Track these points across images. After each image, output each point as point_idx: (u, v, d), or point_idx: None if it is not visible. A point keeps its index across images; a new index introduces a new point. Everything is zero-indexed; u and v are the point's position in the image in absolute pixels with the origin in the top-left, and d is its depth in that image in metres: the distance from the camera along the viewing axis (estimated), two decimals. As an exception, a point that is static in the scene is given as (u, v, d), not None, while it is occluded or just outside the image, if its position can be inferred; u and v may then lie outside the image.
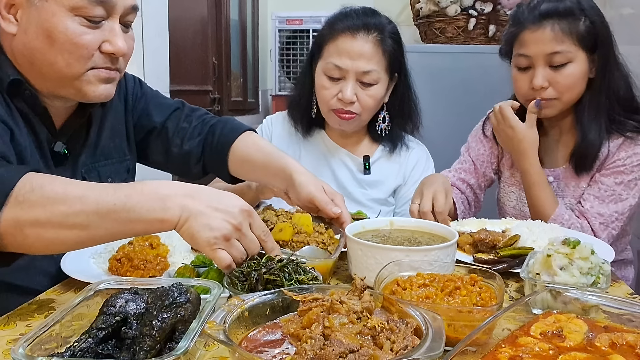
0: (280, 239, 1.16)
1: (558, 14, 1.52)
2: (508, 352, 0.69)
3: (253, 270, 0.98)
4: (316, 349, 0.65)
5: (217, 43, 3.92)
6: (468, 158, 1.87)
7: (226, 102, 4.07)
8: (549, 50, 1.53)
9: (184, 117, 1.51)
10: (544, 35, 1.53)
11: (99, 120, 1.36)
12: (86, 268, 1.13)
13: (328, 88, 1.68)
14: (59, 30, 1.09)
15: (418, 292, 0.89)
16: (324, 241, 1.21)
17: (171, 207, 0.93)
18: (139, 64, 2.74)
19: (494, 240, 1.29)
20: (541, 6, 1.56)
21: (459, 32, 3.23)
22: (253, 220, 1.00)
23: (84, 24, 1.11)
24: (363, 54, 1.63)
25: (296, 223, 1.22)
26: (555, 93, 1.56)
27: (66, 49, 1.11)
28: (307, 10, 4.12)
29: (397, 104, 1.76)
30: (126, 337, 0.73)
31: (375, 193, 1.80)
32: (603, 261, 1.05)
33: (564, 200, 1.65)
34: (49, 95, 1.20)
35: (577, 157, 1.61)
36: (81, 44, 1.11)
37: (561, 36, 1.52)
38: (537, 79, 1.55)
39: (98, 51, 1.14)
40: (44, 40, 1.10)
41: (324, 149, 1.83)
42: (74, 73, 1.14)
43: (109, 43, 1.14)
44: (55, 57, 1.11)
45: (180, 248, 1.22)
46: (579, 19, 1.53)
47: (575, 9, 1.53)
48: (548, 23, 1.53)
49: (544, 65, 1.55)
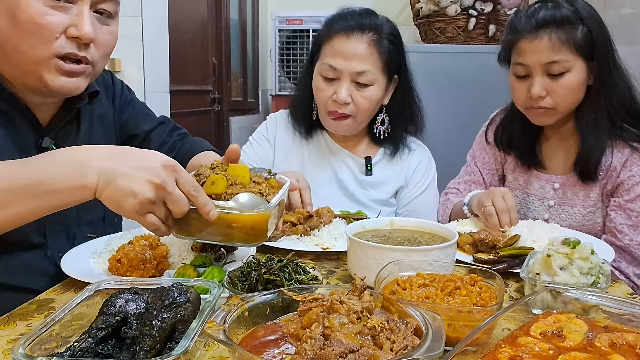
0: (212, 193, 1.03)
1: (555, 23, 1.50)
2: (508, 352, 0.69)
3: (253, 270, 0.98)
4: (316, 349, 0.65)
5: (217, 43, 3.92)
6: (475, 169, 1.86)
7: (226, 102, 4.08)
8: (546, 59, 1.50)
9: (168, 132, 1.55)
10: (541, 45, 1.51)
11: (88, 118, 1.35)
12: (86, 268, 1.13)
13: (324, 89, 1.68)
14: (21, 9, 1.05)
15: (418, 292, 0.89)
16: (262, 191, 1.09)
17: (88, 173, 0.89)
18: (139, 64, 2.75)
19: (494, 240, 1.30)
20: (538, 14, 1.53)
21: (459, 32, 3.23)
22: (179, 175, 0.93)
23: (47, 4, 1.07)
24: (357, 55, 1.63)
25: (231, 174, 1.09)
26: (552, 102, 1.54)
27: (29, 30, 1.06)
28: (307, 10, 4.12)
29: (397, 106, 1.76)
30: (126, 337, 0.73)
31: (376, 194, 1.80)
32: (603, 261, 1.05)
33: (573, 210, 1.63)
34: (24, 90, 1.17)
35: (581, 165, 1.59)
36: (43, 24, 1.07)
37: (558, 45, 1.49)
38: (535, 88, 1.53)
39: (63, 35, 1.10)
40: (8, 21, 1.07)
41: (327, 149, 1.83)
42: (38, 57, 1.09)
43: (75, 27, 1.09)
44: (18, 40, 1.08)
45: (181, 248, 1.22)
46: (576, 27, 1.50)
47: (573, 17, 1.50)
48: (545, 32, 1.50)
49: (541, 74, 1.53)
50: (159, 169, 0.91)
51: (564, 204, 1.65)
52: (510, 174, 1.80)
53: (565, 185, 1.65)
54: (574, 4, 1.53)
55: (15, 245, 1.17)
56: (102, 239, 1.26)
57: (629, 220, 1.54)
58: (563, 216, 1.64)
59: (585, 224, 1.61)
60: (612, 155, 1.57)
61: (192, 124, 3.60)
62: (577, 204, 1.63)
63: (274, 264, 0.99)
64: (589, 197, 1.62)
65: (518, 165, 1.76)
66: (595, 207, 1.61)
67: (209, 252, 1.22)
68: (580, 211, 1.63)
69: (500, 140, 1.78)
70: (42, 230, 1.22)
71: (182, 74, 3.31)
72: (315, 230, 1.42)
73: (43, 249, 1.23)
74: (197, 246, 1.23)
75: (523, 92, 1.58)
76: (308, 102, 1.77)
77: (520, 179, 1.76)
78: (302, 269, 1.01)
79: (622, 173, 1.55)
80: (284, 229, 1.40)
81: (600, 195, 1.60)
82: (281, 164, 1.83)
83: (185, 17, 3.40)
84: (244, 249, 1.25)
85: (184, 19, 3.37)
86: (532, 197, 1.71)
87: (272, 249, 1.32)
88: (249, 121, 4.43)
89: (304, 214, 1.44)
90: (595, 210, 1.61)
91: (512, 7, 3.21)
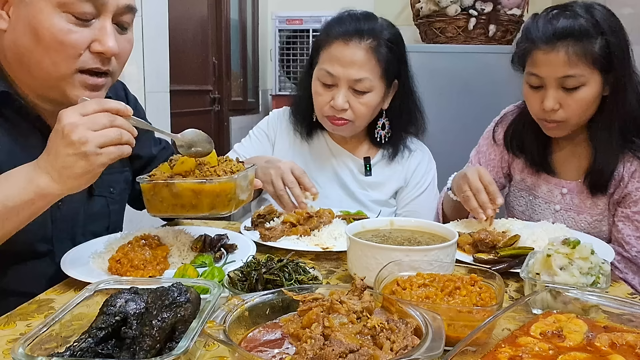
0: (182, 170, 1.13)
1: (573, 35, 1.43)
2: (508, 352, 0.69)
3: (253, 270, 0.98)
4: (316, 349, 0.65)
5: (217, 43, 3.92)
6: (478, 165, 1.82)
7: (226, 102, 4.08)
8: (561, 73, 1.45)
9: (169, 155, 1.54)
10: (557, 58, 1.44)
11: None
12: (86, 268, 1.13)
13: (321, 94, 1.67)
14: (44, 27, 1.05)
15: (418, 292, 0.89)
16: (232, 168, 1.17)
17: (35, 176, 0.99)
18: (139, 64, 2.74)
19: (494, 240, 1.29)
20: (556, 24, 1.46)
21: (459, 32, 3.23)
22: None
23: (71, 21, 1.07)
24: (355, 62, 1.61)
25: None
26: (565, 115, 1.50)
27: (52, 47, 1.07)
28: (307, 10, 4.12)
29: (398, 109, 1.75)
30: (126, 337, 0.73)
31: (376, 194, 1.79)
32: (603, 261, 1.05)
33: (579, 217, 1.61)
34: (38, 99, 1.18)
35: (592, 178, 1.56)
36: (67, 42, 1.07)
37: (575, 60, 1.43)
38: (548, 101, 1.48)
39: (87, 51, 1.10)
40: (31, 38, 1.07)
41: (327, 150, 1.82)
42: (60, 73, 1.10)
43: (99, 42, 1.10)
44: (42, 56, 1.08)
45: (181, 248, 1.22)
46: (594, 39, 1.43)
47: (592, 29, 1.43)
48: (562, 45, 1.43)
49: (555, 87, 1.48)
50: None
51: (570, 210, 1.63)
52: (519, 174, 1.77)
53: (574, 191, 1.63)
54: (593, 13, 1.46)
55: (23, 255, 1.19)
56: (102, 239, 1.26)
57: (636, 232, 1.52)
58: (568, 222, 1.62)
59: (590, 232, 1.58)
60: (622, 165, 1.53)
61: (192, 124, 3.58)
62: (583, 212, 1.61)
63: (274, 264, 0.99)
64: (596, 206, 1.59)
65: (527, 166, 1.73)
66: (602, 215, 1.59)
67: (209, 252, 1.23)
68: (586, 219, 1.61)
69: (510, 143, 1.75)
70: (50, 238, 1.23)
71: (182, 73, 3.31)
72: (315, 230, 1.42)
73: (50, 255, 1.23)
74: (197, 246, 1.23)
75: (537, 103, 1.54)
76: (308, 103, 1.77)
77: (528, 180, 1.73)
78: (302, 269, 1.01)
79: (630, 184, 1.53)
80: (283, 229, 1.40)
81: (607, 204, 1.58)
82: None
83: (185, 17, 3.40)
84: (244, 249, 1.25)
85: (184, 19, 3.37)
86: (539, 200, 1.69)
87: (272, 249, 1.32)
88: (249, 121, 4.43)
89: (303, 214, 1.44)
90: (601, 218, 1.59)
91: (512, 7, 3.21)
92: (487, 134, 1.84)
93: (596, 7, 1.48)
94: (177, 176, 1.13)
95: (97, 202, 1.34)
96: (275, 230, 1.39)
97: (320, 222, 1.43)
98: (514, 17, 3.21)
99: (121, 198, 1.43)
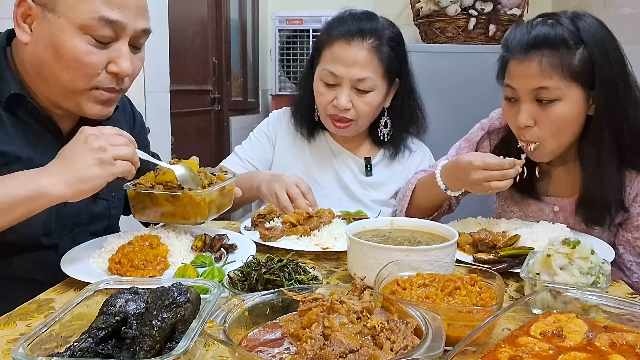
0: (163, 181, 1.23)
1: (548, 45, 1.31)
2: (508, 352, 0.69)
3: (253, 270, 0.98)
4: (316, 349, 0.65)
5: (217, 43, 3.92)
6: None
7: (226, 102, 4.08)
8: (534, 85, 1.33)
9: None
10: (529, 69, 1.33)
11: None
12: (86, 268, 1.13)
13: (324, 94, 1.68)
14: (66, 47, 1.12)
15: (418, 292, 0.89)
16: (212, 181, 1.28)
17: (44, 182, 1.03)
18: (139, 64, 2.74)
19: (494, 240, 1.29)
20: (531, 33, 1.34)
21: (459, 32, 3.23)
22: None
23: (91, 43, 1.13)
24: (357, 61, 1.61)
25: None
26: (540, 134, 1.37)
27: (72, 66, 1.14)
28: (307, 10, 4.12)
29: (399, 108, 1.75)
30: (126, 337, 0.73)
31: (376, 194, 1.80)
32: (603, 261, 1.05)
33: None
34: (51, 105, 1.23)
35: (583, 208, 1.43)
36: (87, 62, 1.14)
37: (549, 70, 1.30)
38: (521, 115, 1.36)
39: (104, 71, 1.17)
40: (52, 54, 1.13)
41: (328, 150, 1.83)
42: (77, 88, 1.17)
43: (115, 64, 1.17)
44: (60, 72, 1.14)
45: (180, 248, 1.22)
46: (573, 51, 1.31)
47: (571, 38, 1.31)
48: (536, 55, 1.32)
49: (529, 101, 1.35)
50: None
51: None
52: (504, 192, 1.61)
53: (567, 209, 1.51)
54: (577, 22, 1.33)
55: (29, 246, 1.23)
56: (102, 239, 1.26)
57: (637, 258, 1.43)
58: None
59: None
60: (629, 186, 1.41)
61: (192, 124, 3.60)
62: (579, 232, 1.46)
63: (274, 264, 0.99)
64: (592, 229, 1.46)
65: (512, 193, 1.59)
66: (600, 236, 1.46)
67: (209, 252, 1.23)
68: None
69: None
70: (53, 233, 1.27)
71: (182, 73, 3.31)
72: (315, 230, 1.42)
73: (54, 248, 1.27)
74: (197, 246, 1.24)
75: (512, 118, 1.41)
76: (309, 103, 1.77)
77: (517, 195, 1.60)
78: (302, 269, 1.01)
79: (632, 208, 1.42)
80: (283, 229, 1.40)
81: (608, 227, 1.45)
82: (280, 162, 1.83)
83: (185, 17, 3.40)
84: (244, 249, 1.25)
85: (184, 19, 3.37)
86: (530, 218, 1.57)
87: (272, 249, 1.32)
88: (249, 121, 4.43)
89: (303, 214, 1.44)
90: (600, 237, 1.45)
91: (512, 7, 3.21)
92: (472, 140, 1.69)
93: (584, 18, 1.36)
94: (159, 186, 1.23)
95: (99, 204, 1.39)
96: (275, 230, 1.39)
97: (320, 222, 1.43)
98: (514, 17, 3.21)
99: (120, 203, 1.48)
